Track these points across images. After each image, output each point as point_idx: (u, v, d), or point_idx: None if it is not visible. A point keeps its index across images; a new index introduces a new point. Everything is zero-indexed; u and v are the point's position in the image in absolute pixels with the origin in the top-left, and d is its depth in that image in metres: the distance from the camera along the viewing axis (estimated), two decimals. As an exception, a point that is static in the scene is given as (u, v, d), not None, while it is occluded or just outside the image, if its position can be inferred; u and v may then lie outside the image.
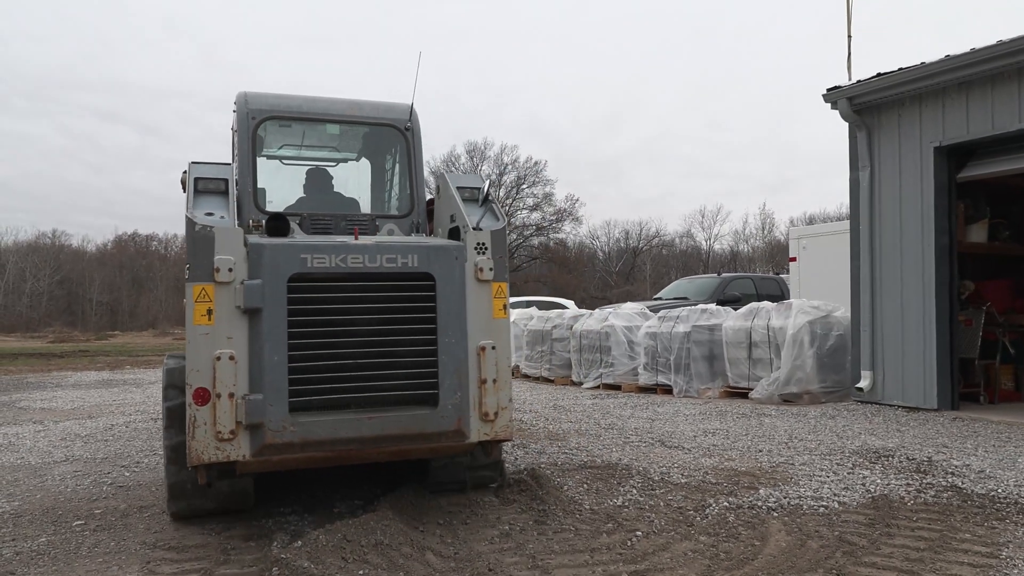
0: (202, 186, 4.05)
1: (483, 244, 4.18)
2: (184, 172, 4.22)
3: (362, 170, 5.71)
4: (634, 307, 12.07)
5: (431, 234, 5.01)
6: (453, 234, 4.40)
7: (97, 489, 5.18)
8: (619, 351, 11.22)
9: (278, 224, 4.17)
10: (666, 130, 78.06)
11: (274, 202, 5.09)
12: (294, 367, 3.77)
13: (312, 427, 3.76)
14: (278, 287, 3.75)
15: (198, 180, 4.07)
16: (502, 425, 4.14)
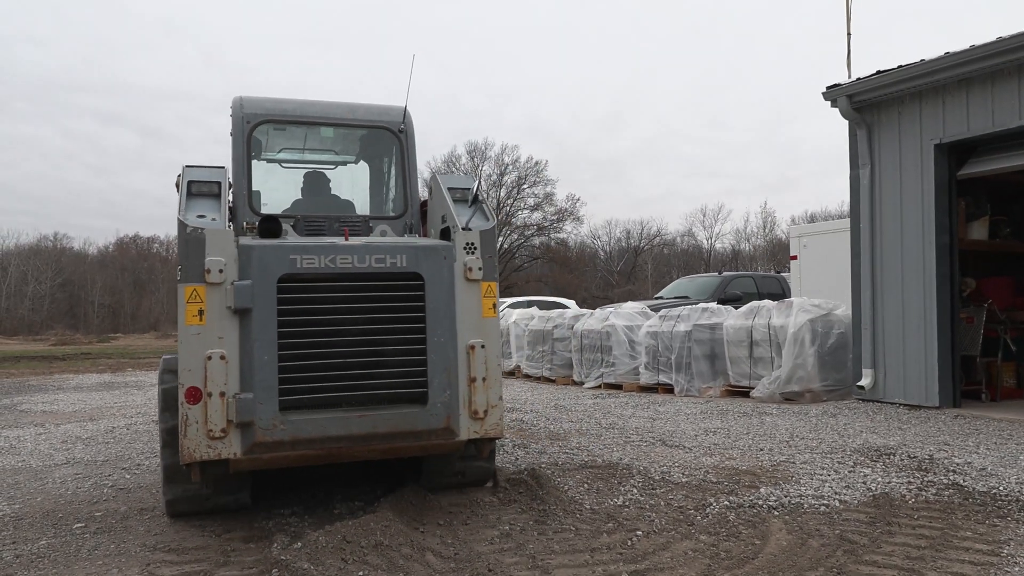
0: (195, 189, 4.12)
1: (472, 244, 4.22)
2: (179, 176, 4.27)
3: (360, 172, 5.74)
4: (635, 306, 12.05)
5: (425, 235, 5.03)
6: (445, 234, 4.43)
7: (98, 492, 5.19)
8: (620, 351, 11.21)
9: (270, 226, 4.23)
10: (667, 129, 78.03)
11: (270, 204, 5.13)
12: (284, 366, 3.81)
13: (302, 425, 3.81)
14: (268, 287, 3.81)
15: (191, 183, 4.15)
16: (492, 423, 4.19)
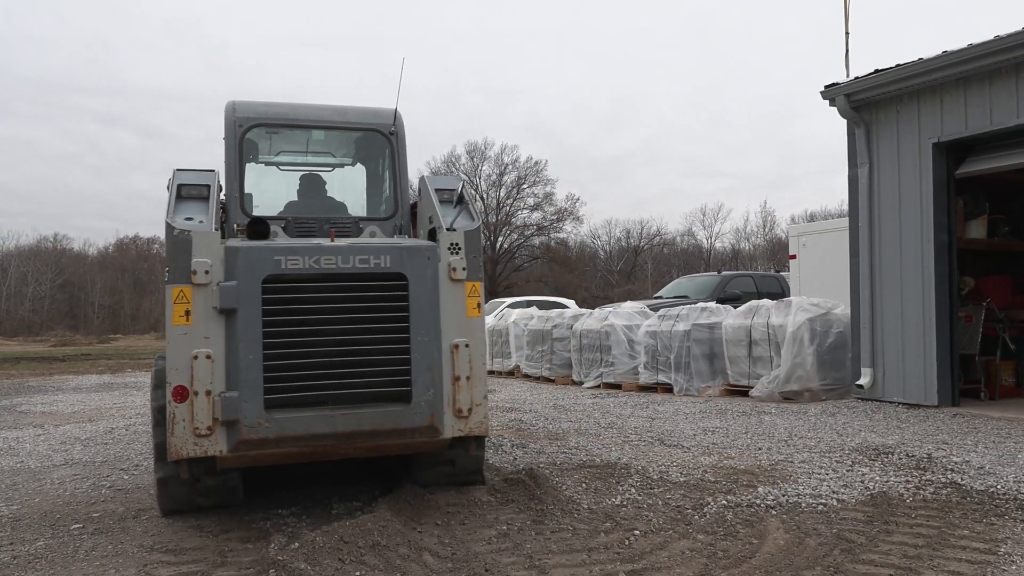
0: (185, 192, 4.19)
1: (456, 244, 4.28)
2: (170, 179, 4.32)
3: (355, 174, 5.77)
4: (634, 306, 12.05)
5: (415, 235, 5.06)
6: (432, 235, 4.47)
7: (96, 492, 5.19)
8: (619, 350, 11.20)
9: (258, 228, 4.27)
10: (666, 128, 78.06)
11: (264, 207, 5.18)
12: (269, 365, 3.87)
13: (287, 423, 3.85)
14: (253, 288, 3.87)
15: (181, 187, 4.21)
16: (476, 421, 4.24)
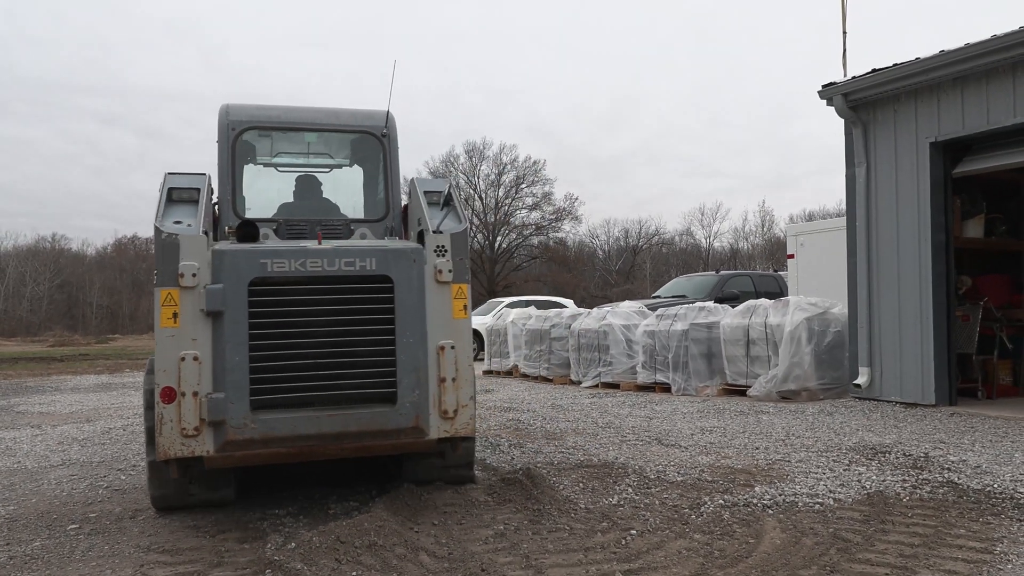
0: (176, 196, 4.22)
1: (443, 247, 4.29)
2: (162, 183, 4.34)
3: (351, 176, 5.78)
4: (632, 305, 12.06)
5: (406, 237, 5.07)
6: (421, 237, 4.48)
7: (93, 493, 5.18)
8: (617, 350, 11.21)
9: (248, 230, 4.30)
10: (666, 128, 78.10)
11: (256, 208, 5.19)
12: (255, 367, 3.90)
13: (273, 424, 3.88)
14: (239, 291, 3.90)
15: (171, 190, 4.24)
16: (463, 422, 4.25)
